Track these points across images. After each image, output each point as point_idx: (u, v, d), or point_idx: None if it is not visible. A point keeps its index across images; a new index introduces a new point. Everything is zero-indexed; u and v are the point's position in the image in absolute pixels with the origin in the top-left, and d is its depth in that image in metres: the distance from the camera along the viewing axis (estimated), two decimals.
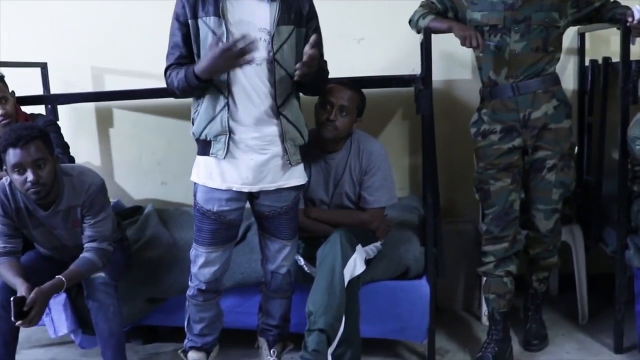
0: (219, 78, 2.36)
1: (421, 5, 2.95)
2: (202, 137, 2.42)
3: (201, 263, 2.56)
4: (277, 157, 2.48)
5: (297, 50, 2.45)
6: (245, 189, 2.47)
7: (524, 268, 3.14)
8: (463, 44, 2.74)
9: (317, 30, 2.55)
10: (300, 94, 2.60)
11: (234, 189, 2.46)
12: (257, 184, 2.47)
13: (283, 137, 2.46)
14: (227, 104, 2.38)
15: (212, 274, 2.58)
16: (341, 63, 3.55)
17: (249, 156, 2.43)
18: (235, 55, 2.20)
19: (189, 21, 2.37)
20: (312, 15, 2.53)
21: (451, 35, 2.83)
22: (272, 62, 2.39)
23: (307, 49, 2.31)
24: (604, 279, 3.26)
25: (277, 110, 2.44)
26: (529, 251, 3.04)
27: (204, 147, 2.44)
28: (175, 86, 2.40)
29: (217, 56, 2.22)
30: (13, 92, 3.08)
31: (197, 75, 2.29)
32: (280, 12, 2.38)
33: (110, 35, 3.96)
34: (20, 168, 2.49)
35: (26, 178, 2.49)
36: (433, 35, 2.77)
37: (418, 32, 2.96)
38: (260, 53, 2.35)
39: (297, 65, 2.33)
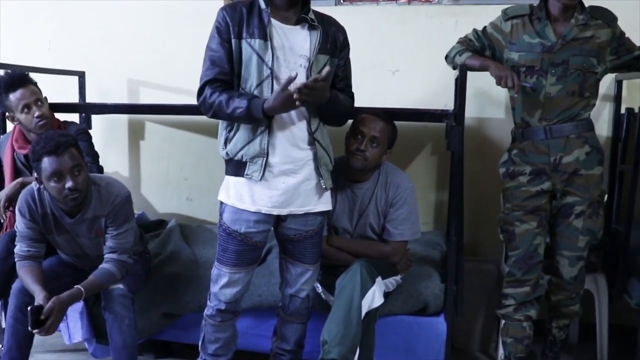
0: None
1: (459, 42, 2.96)
2: (238, 157, 2.42)
3: (223, 283, 2.55)
4: (307, 181, 2.48)
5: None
6: (275, 212, 2.47)
7: (544, 313, 3.09)
8: (498, 83, 2.73)
9: (347, 61, 2.58)
10: None
11: (263, 212, 2.46)
12: (286, 207, 2.47)
13: (318, 162, 2.47)
14: (269, 126, 2.39)
15: (234, 294, 2.57)
16: (375, 93, 3.61)
17: (280, 179, 2.43)
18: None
19: (232, 40, 2.37)
20: (345, 46, 2.55)
21: (486, 73, 2.82)
22: None
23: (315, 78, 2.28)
24: (627, 331, 3.20)
25: (312, 136, 2.45)
26: (551, 297, 2.99)
27: (238, 167, 2.44)
28: (226, 113, 2.34)
29: (292, 99, 2.23)
30: (46, 97, 3.13)
31: (267, 112, 2.28)
32: (321, 41, 2.41)
33: (149, 49, 4.04)
34: (59, 175, 2.52)
35: (64, 185, 2.52)
36: (468, 72, 2.77)
37: (454, 69, 2.96)
38: (300, 79, 2.36)
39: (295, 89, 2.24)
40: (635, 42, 2.84)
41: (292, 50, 2.38)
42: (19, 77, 3.02)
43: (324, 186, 2.51)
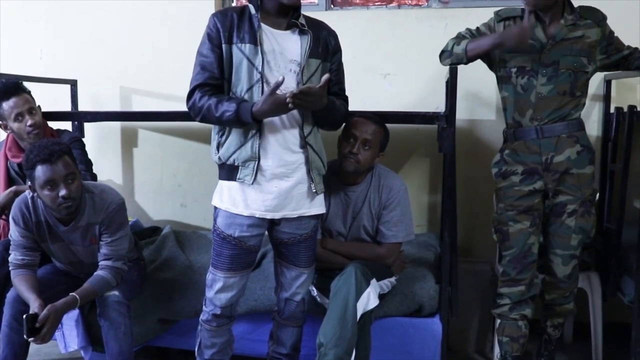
0: None
1: (452, 39, 2.94)
2: (230, 162, 2.43)
3: (218, 288, 2.55)
4: (300, 185, 2.49)
5: None
6: (268, 216, 2.48)
7: (539, 313, 3.10)
8: (521, 40, 2.65)
9: (340, 65, 2.59)
10: None
11: (256, 216, 2.47)
12: (279, 211, 2.48)
13: (309, 166, 2.48)
14: (259, 130, 2.40)
15: (229, 299, 2.57)
16: (366, 97, 3.63)
17: (273, 183, 2.44)
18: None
19: (223, 45, 2.39)
20: (337, 50, 2.57)
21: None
22: None
23: (316, 85, 2.32)
24: (621, 329, 3.21)
25: (304, 140, 2.46)
26: (545, 296, 3.00)
27: (230, 172, 2.45)
28: (215, 116, 2.35)
29: (281, 103, 2.25)
30: (39, 106, 3.13)
31: (255, 116, 2.29)
32: (311, 45, 2.43)
33: (140, 57, 4.05)
34: (52, 184, 2.52)
35: (58, 193, 2.52)
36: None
37: (451, 63, 2.85)
38: (291, 84, 2.38)
39: (290, 93, 2.26)
40: (631, 42, 2.86)
41: (283, 55, 2.40)
42: (13, 86, 3.03)
43: (314, 190, 2.52)
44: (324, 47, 2.50)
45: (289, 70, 2.39)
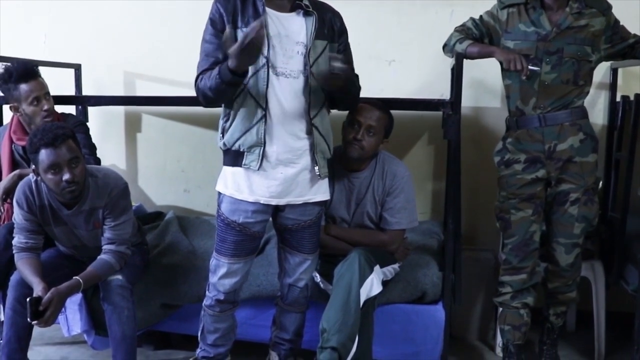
0: (257, 90, 2.36)
1: (457, 30, 2.95)
2: (235, 147, 2.42)
3: (222, 273, 2.56)
4: (305, 171, 2.49)
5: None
6: (273, 202, 2.47)
7: (541, 301, 3.10)
8: (507, 67, 2.71)
9: (347, 45, 2.59)
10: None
11: (261, 202, 2.46)
12: (284, 197, 2.48)
13: (314, 149, 2.47)
14: (264, 116, 2.39)
15: (232, 285, 2.58)
16: (371, 84, 3.58)
17: (278, 169, 2.44)
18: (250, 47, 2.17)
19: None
20: (343, 31, 2.57)
21: (482, 62, 2.82)
22: (308, 75, 2.40)
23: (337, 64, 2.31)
24: (624, 318, 3.21)
25: (310, 123, 2.45)
26: (548, 284, 3.00)
27: (235, 157, 2.44)
28: (208, 87, 2.34)
29: (245, 45, 2.16)
30: None
31: (232, 69, 2.24)
32: (317, 26, 2.41)
33: (144, 42, 4.03)
34: (56, 168, 2.52)
35: (61, 177, 2.52)
36: (464, 62, 2.77)
37: (453, 57, 2.94)
38: (297, 66, 2.38)
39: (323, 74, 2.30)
40: (637, 31, 2.84)
41: (289, 37, 2.39)
42: (32, 69, 3.03)
43: (318, 174, 2.51)
44: (330, 28, 2.49)
45: (295, 52, 2.39)
